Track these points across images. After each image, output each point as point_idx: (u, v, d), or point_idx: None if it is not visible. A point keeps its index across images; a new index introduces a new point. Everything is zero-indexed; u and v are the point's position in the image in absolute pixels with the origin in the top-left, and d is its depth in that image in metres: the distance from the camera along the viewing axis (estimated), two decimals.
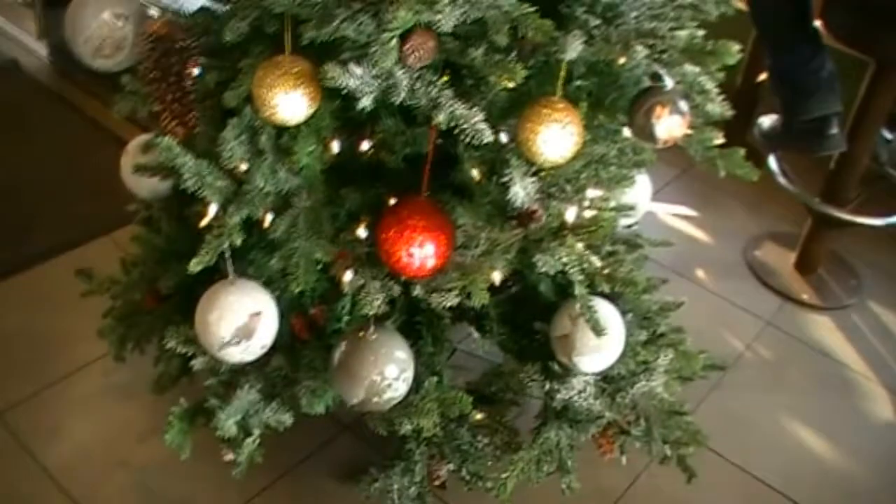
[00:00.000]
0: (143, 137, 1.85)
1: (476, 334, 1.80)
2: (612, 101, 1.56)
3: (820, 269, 2.81)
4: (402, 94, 1.30)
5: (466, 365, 1.95)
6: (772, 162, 2.77)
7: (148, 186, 1.82)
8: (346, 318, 1.67)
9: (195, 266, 1.42)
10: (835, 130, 2.47)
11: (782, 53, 2.50)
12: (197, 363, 1.64)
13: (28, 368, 2.22)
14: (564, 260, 1.43)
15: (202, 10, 1.60)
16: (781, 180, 2.73)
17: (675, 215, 3.05)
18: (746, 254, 2.89)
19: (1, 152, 2.99)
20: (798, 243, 2.82)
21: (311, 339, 1.69)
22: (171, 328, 1.63)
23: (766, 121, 2.74)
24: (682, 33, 1.28)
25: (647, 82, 1.53)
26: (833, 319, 2.68)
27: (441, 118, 1.29)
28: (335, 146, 1.50)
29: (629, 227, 1.90)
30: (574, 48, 1.27)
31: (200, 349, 1.60)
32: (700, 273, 2.80)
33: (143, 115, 1.69)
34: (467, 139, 1.29)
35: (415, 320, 1.74)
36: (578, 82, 1.53)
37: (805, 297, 2.74)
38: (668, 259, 2.64)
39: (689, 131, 1.51)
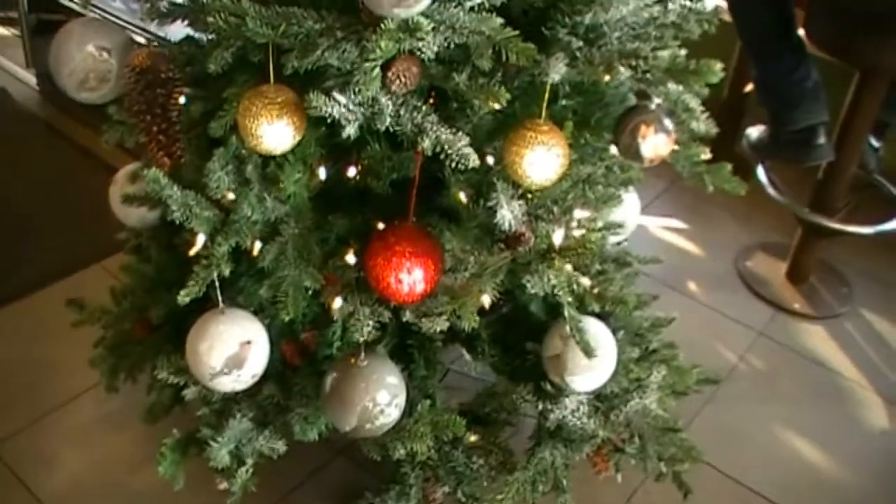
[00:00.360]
0: (131, 167, 1.85)
1: (468, 356, 1.80)
2: (598, 119, 1.57)
3: (811, 278, 2.82)
4: (387, 121, 1.30)
5: (460, 385, 1.94)
6: (760, 173, 2.77)
7: (137, 215, 1.81)
8: (337, 343, 1.67)
9: (184, 297, 1.41)
10: (822, 140, 2.49)
11: (767, 64, 2.51)
12: (189, 393, 1.64)
13: (21, 399, 2.21)
14: (553, 282, 1.43)
15: (187, 39, 1.60)
16: (770, 191, 2.74)
17: (664, 228, 3.05)
18: (737, 265, 2.90)
19: None
20: (789, 253, 2.82)
21: (302, 365, 1.68)
22: (162, 358, 1.63)
23: (754, 132, 2.76)
24: (665, 53, 1.28)
25: (632, 99, 1.54)
26: (825, 328, 2.68)
27: (426, 144, 1.29)
28: (322, 173, 1.50)
29: (618, 243, 1.91)
30: (557, 70, 1.28)
31: (192, 379, 1.59)
32: (691, 285, 2.80)
33: (132, 143, 1.68)
34: (453, 164, 1.29)
35: (407, 343, 1.73)
36: (563, 102, 1.54)
37: (797, 306, 2.74)
38: (658, 272, 2.64)
39: (676, 147, 1.52)
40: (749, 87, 3.00)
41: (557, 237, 1.44)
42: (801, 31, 2.50)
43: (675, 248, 2.98)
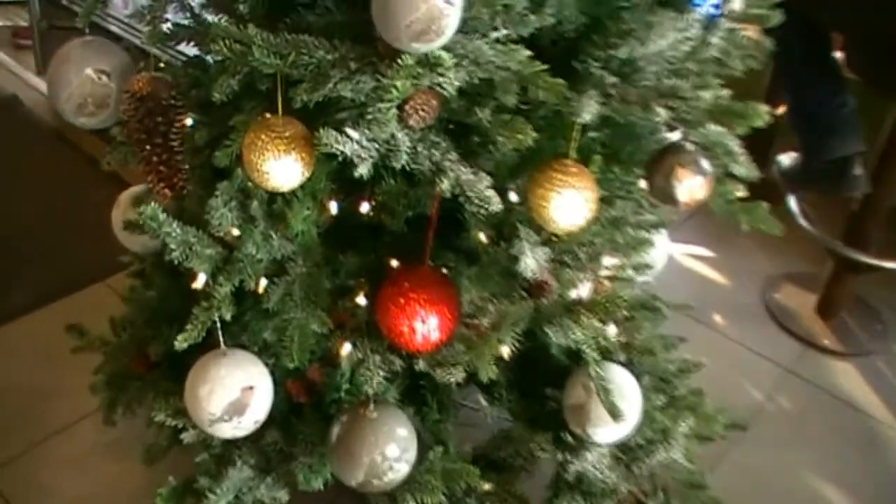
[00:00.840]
0: (134, 190, 1.77)
1: (483, 402, 1.70)
2: (629, 153, 1.47)
3: (842, 312, 2.70)
4: (404, 159, 1.21)
5: (472, 421, 1.84)
6: (791, 202, 2.66)
7: (139, 241, 1.73)
8: (345, 385, 1.58)
9: (182, 343, 1.32)
10: (858, 171, 2.38)
11: (803, 93, 2.42)
12: (187, 436, 1.55)
13: (19, 424, 2.14)
14: (579, 336, 1.33)
15: (193, 59, 1.52)
16: (802, 222, 2.62)
17: (689, 256, 2.95)
18: (765, 296, 2.79)
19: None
20: (819, 285, 2.71)
21: (308, 407, 1.59)
22: (160, 399, 1.54)
23: (786, 159, 2.65)
24: (707, 94, 1.18)
25: (663, 131, 1.44)
26: (856, 366, 2.57)
27: (445, 185, 1.19)
28: (333, 207, 1.40)
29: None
30: (589, 110, 1.18)
31: (191, 422, 1.50)
32: (717, 317, 2.69)
33: (136, 165, 1.60)
34: (474, 208, 1.19)
35: (419, 385, 1.64)
36: (592, 134, 1.44)
37: (827, 342, 2.63)
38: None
39: None
40: (780, 111, 2.89)
41: (584, 290, 1.34)
42: (838, 54, 2.40)
43: (700, 276, 2.88)
